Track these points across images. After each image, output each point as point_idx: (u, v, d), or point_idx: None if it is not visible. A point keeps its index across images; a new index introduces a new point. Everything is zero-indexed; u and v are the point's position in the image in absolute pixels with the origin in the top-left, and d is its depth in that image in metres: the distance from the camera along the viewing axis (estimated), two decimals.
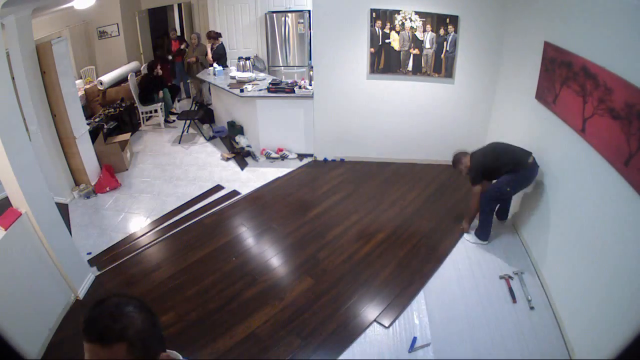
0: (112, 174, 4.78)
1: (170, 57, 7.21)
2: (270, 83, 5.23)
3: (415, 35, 4.41)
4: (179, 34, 7.85)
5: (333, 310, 2.93)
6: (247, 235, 3.82)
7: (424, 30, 4.38)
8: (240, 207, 4.28)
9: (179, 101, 7.18)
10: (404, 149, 5.05)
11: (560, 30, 3.02)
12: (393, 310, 2.93)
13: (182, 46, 7.05)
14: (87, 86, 6.37)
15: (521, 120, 3.77)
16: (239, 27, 6.66)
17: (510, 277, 3.17)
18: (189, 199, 4.38)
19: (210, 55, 6.36)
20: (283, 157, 5.20)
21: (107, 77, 6.44)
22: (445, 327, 2.79)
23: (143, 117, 6.49)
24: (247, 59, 6.21)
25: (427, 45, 4.45)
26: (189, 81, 7.38)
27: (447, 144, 4.94)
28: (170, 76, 7.27)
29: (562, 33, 2.99)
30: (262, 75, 5.72)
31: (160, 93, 6.28)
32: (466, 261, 3.40)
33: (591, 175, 2.52)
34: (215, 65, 6.00)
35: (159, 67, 6.29)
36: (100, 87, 6.34)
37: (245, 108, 5.25)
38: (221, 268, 3.37)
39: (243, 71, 5.95)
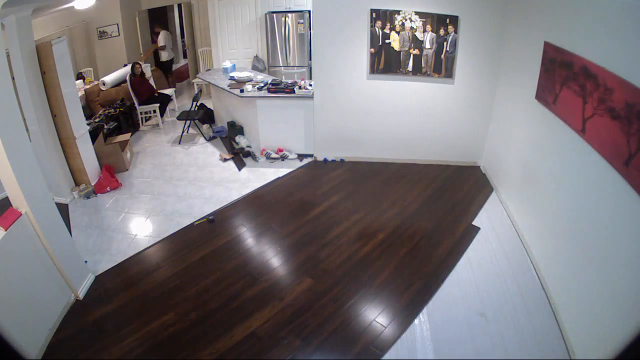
0: (112, 174, 4.78)
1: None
2: (270, 83, 5.23)
3: (415, 35, 4.41)
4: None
5: (333, 311, 2.93)
6: (247, 236, 3.82)
7: (424, 31, 4.38)
8: (240, 207, 4.28)
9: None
10: (404, 149, 5.05)
11: (560, 30, 3.02)
12: (393, 311, 2.93)
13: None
14: (87, 86, 6.38)
15: (521, 120, 3.77)
16: (239, 27, 6.66)
17: None
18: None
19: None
20: (283, 158, 5.21)
21: (109, 78, 6.46)
22: (445, 327, 2.79)
23: (142, 118, 6.49)
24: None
25: (427, 45, 4.45)
26: None
27: (447, 144, 4.96)
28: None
29: (562, 33, 2.99)
30: (260, 77, 5.70)
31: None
32: (466, 262, 3.40)
33: (591, 175, 2.52)
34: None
35: (140, 67, 6.29)
36: (103, 88, 6.36)
37: (245, 108, 5.25)
38: (221, 268, 3.37)
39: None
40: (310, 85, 5.08)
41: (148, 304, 3.04)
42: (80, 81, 6.36)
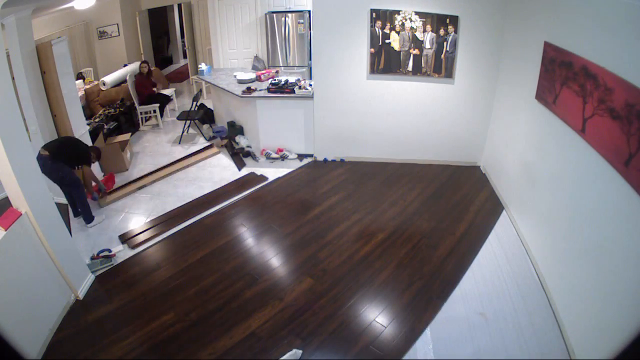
0: (112, 181, 4.76)
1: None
2: (270, 83, 5.23)
3: (415, 35, 4.41)
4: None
5: (333, 311, 2.93)
6: (247, 236, 3.82)
7: (424, 31, 4.38)
8: (240, 207, 4.28)
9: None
10: (404, 149, 5.05)
11: (560, 30, 3.02)
12: (393, 311, 2.94)
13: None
14: (87, 86, 6.38)
15: (521, 120, 3.76)
16: (239, 27, 6.65)
17: None
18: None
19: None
20: (283, 158, 5.20)
21: (110, 78, 6.46)
22: (445, 327, 2.79)
23: (142, 118, 6.49)
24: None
25: (427, 45, 4.44)
26: None
27: (447, 144, 4.96)
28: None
29: (562, 33, 2.99)
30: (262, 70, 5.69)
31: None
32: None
33: (591, 175, 2.52)
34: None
35: (147, 66, 6.43)
36: (103, 88, 6.36)
37: (246, 108, 5.25)
38: (221, 268, 3.37)
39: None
40: (310, 85, 5.08)
41: (148, 304, 3.04)
42: (80, 81, 6.36)
